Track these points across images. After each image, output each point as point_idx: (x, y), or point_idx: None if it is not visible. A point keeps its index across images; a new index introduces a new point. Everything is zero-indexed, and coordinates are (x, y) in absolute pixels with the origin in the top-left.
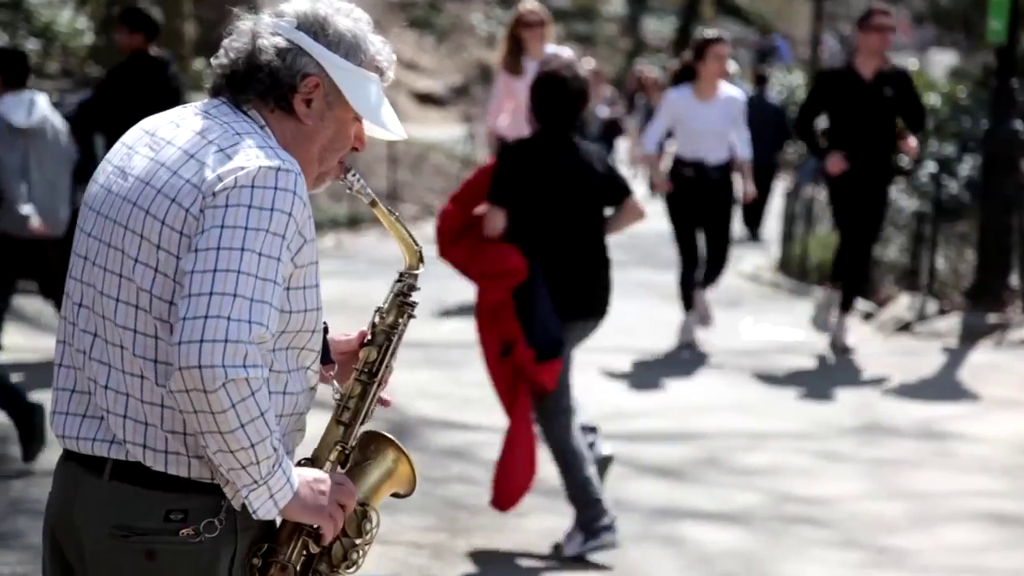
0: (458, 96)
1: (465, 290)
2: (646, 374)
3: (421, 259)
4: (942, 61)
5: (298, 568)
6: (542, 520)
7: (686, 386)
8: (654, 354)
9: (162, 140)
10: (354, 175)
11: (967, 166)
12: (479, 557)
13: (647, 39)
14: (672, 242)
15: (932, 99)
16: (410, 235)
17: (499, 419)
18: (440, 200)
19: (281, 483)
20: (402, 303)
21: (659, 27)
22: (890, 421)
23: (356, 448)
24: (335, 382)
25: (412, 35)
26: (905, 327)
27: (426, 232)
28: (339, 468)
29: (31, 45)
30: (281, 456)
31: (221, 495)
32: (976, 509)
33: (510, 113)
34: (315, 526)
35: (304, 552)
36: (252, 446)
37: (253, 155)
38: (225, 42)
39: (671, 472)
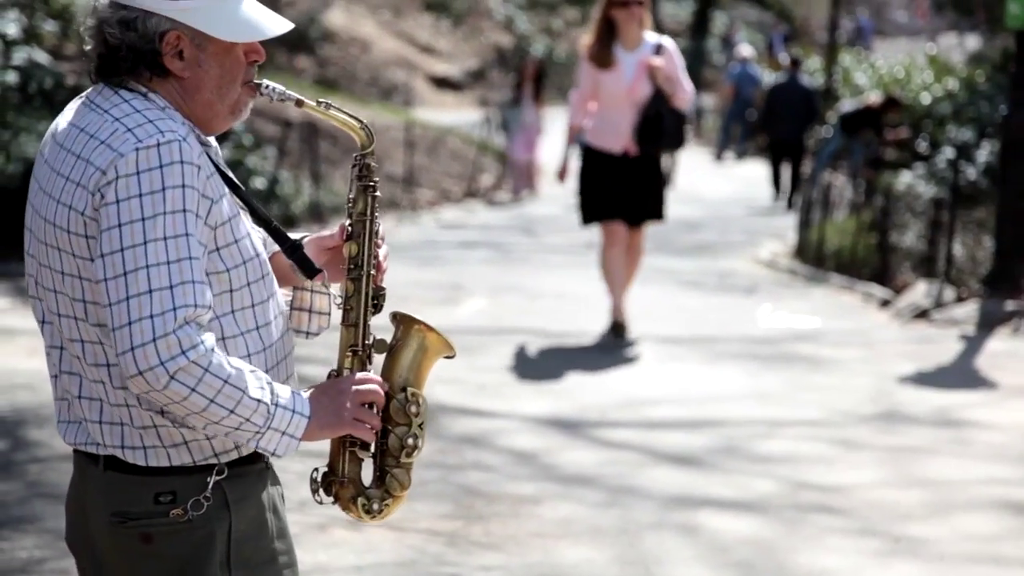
0: (475, 80)
1: (481, 274)
2: (663, 361)
3: (370, 136)
4: (945, 44)
5: (360, 476)
6: (557, 508)
7: (703, 373)
8: (672, 341)
9: (55, 144)
10: (267, 86)
11: (985, 152)
12: (495, 544)
13: (664, 23)
14: None
15: (950, 84)
16: (350, 116)
17: (514, 406)
18: (456, 184)
19: (287, 419)
20: (364, 186)
21: (676, 11)
22: (907, 409)
23: (374, 343)
24: (333, 288)
25: (429, 18)
26: (922, 314)
27: (444, 217)
28: (360, 369)
29: (49, 27)
30: (274, 397)
31: (206, 472)
32: (993, 497)
33: (595, 112)
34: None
35: (357, 461)
36: (232, 411)
37: (131, 139)
38: (82, 27)
39: (687, 460)
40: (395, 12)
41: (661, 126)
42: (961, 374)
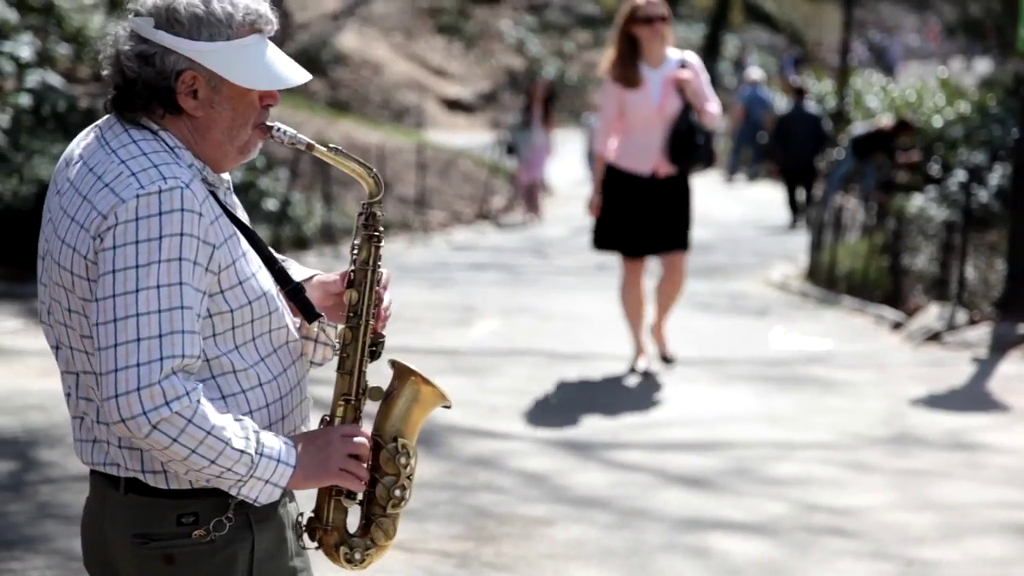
0: (486, 102)
1: (492, 296)
2: (675, 383)
3: (378, 184)
4: (956, 67)
5: (344, 524)
6: (569, 529)
7: (714, 395)
8: (683, 362)
9: (65, 179)
10: (278, 130)
11: (997, 175)
12: (506, 566)
13: (675, 45)
14: None
15: (962, 107)
16: (359, 163)
17: (526, 427)
18: (468, 206)
19: (271, 468)
20: (369, 235)
21: (687, 34)
22: (919, 432)
23: (368, 391)
24: (332, 335)
25: (441, 41)
26: (934, 337)
27: (456, 238)
28: (352, 418)
29: (63, 50)
30: (259, 446)
31: (227, 494)
32: (1005, 521)
33: (620, 133)
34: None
35: (342, 509)
36: (213, 461)
37: (133, 184)
38: (101, 55)
39: (699, 482)
40: (407, 35)
41: (694, 140)
42: (973, 397)
